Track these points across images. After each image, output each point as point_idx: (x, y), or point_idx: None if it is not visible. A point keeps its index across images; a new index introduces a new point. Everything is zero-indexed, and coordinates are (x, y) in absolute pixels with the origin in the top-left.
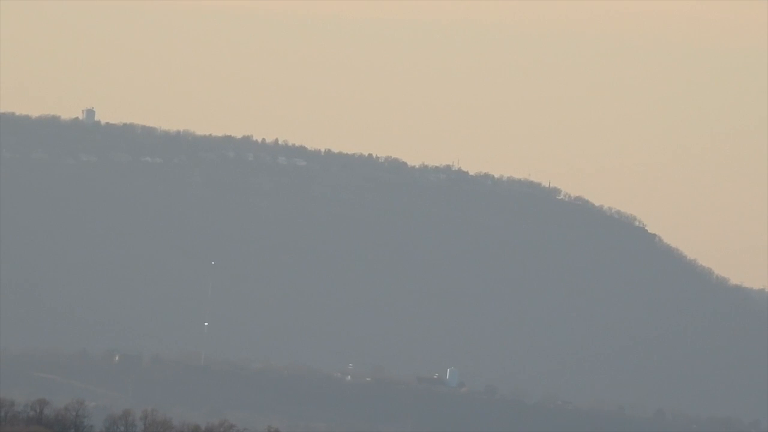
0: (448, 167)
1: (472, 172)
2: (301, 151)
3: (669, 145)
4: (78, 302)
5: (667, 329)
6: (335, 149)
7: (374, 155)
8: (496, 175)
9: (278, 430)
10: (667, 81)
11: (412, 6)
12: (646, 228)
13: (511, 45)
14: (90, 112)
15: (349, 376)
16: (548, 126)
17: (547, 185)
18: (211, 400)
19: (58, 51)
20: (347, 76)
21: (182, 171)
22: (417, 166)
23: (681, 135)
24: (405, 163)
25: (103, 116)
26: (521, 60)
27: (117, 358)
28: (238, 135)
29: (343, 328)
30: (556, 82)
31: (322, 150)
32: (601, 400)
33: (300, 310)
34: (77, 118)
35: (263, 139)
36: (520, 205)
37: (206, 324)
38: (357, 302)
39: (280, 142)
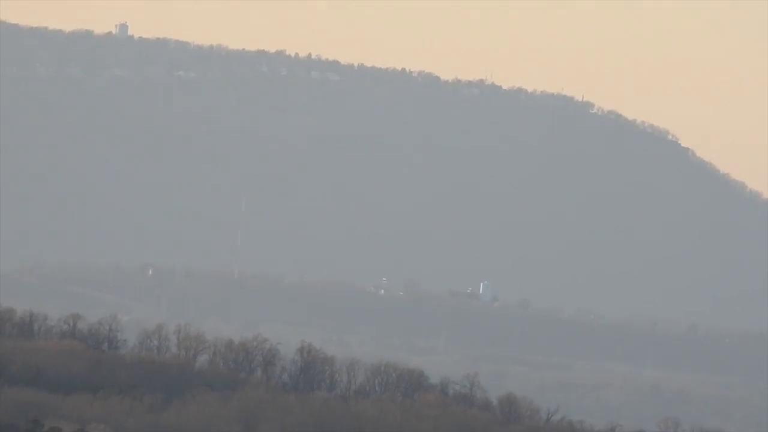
0: (481, 81)
1: (505, 87)
2: (334, 66)
3: (703, 58)
4: (112, 217)
5: (700, 244)
6: (368, 64)
7: (407, 70)
8: (529, 89)
9: (311, 343)
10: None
11: None
12: (679, 142)
13: None
14: (123, 27)
15: (382, 291)
16: (582, 40)
17: (581, 99)
18: (244, 314)
19: None
20: None
21: (216, 85)
22: (450, 81)
23: (715, 48)
24: (438, 78)
25: (136, 31)
26: None
27: (150, 273)
28: (272, 49)
29: (376, 243)
30: None
31: (356, 64)
32: (635, 316)
33: (334, 225)
34: (110, 32)
35: (296, 54)
36: (553, 119)
37: (239, 239)
38: (391, 217)
39: (313, 57)
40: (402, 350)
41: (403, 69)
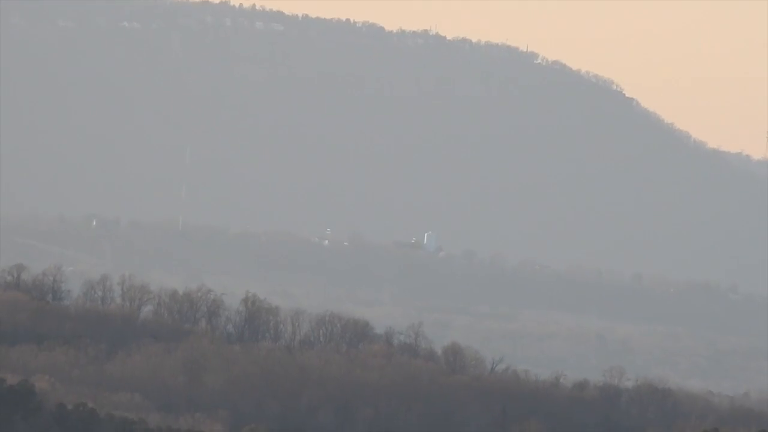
0: (425, 32)
1: (449, 37)
2: (278, 16)
3: (648, 5)
4: (56, 168)
5: (644, 194)
6: (312, 14)
7: (352, 20)
8: (473, 40)
9: (256, 294)
10: None
11: None
12: (623, 92)
13: None
14: None
15: (327, 241)
16: None
17: (525, 50)
18: (189, 265)
19: None
20: None
21: (160, 36)
22: (395, 31)
23: None
24: (382, 28)
25: None
26: None
27: (95, 223)
28: (216, 0)
29: (321, 194)
30: None
31: (300, 15)
32: (579, 266)
33: (278, 175)
34: None
35: (240, 4)
36: (497, 70)
37: (184, 189)
38: (335, 167)
39: (257, 7)
40: (347, 301)
41: (348, 20)
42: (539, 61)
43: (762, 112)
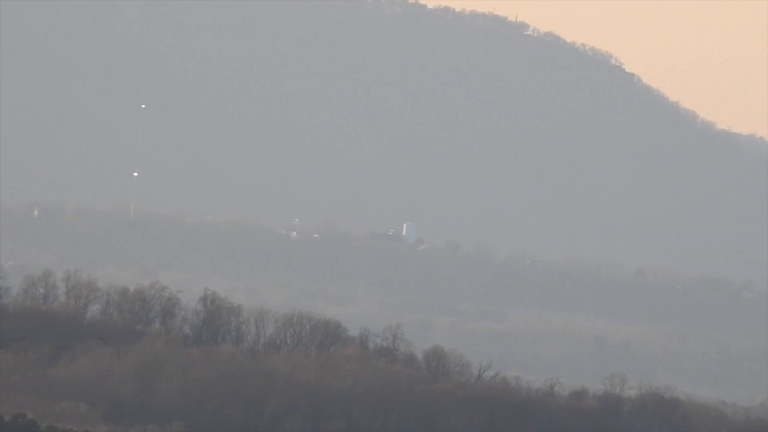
0: (404, 0)
1: (430, 5)
2: None
3: None
4: None
5: (647, 180)
6: None
7: None
8: (457, 9)
9: (216, 292)
10: None
11: None
12: (623, 67)
13: None
14: None
15: (294, 232)
16: None
17: (514, 20)
18: (141, 259)
19: None
20: None
21: (109, 6)
22: None
23: None
24: None
25: None
26: None
27: (36, 213)
28: None
29: (288, 179)
30: None
31: None
32: (575, 259)
33: (241, 159)
34: None
35: None
36: (483, 42)
37: (135, 174)
38: (304, 150)
39: None
40: (317, 299)
41: None
42: (530, 32)
43: None
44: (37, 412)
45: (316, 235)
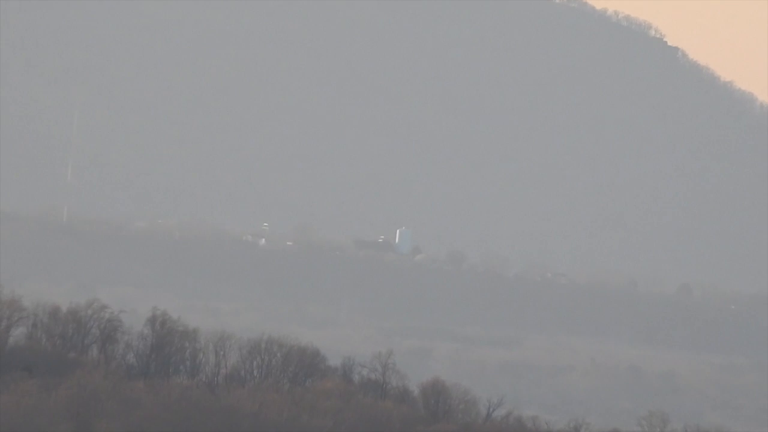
0: None
1: None
2: None
3: None
4: None
5: (695, 176)
6: None
7: None
8: None
9: (167, 312)
10: None
11: None
12: (665, 39)
13: None
14: None
15: (263, 240)
16: None
17: None
18: (76, 272)
19: None
20: None
21: None
22: None
23: None
24: None
25: None
26: None
27: None
28: None
29: (255, 176)
30: None
31: None
32: (606, 273)
33: (197, 153)
34: None
35: None
36: (502, 10)
37: (69, 170)
38: (274, 144)
39: None
40: (290, 321)
41: None
42: None
43: None
44: None
45: (289, 243)
